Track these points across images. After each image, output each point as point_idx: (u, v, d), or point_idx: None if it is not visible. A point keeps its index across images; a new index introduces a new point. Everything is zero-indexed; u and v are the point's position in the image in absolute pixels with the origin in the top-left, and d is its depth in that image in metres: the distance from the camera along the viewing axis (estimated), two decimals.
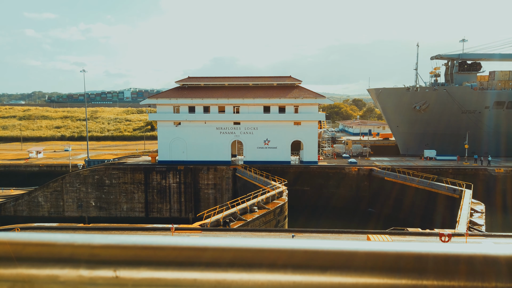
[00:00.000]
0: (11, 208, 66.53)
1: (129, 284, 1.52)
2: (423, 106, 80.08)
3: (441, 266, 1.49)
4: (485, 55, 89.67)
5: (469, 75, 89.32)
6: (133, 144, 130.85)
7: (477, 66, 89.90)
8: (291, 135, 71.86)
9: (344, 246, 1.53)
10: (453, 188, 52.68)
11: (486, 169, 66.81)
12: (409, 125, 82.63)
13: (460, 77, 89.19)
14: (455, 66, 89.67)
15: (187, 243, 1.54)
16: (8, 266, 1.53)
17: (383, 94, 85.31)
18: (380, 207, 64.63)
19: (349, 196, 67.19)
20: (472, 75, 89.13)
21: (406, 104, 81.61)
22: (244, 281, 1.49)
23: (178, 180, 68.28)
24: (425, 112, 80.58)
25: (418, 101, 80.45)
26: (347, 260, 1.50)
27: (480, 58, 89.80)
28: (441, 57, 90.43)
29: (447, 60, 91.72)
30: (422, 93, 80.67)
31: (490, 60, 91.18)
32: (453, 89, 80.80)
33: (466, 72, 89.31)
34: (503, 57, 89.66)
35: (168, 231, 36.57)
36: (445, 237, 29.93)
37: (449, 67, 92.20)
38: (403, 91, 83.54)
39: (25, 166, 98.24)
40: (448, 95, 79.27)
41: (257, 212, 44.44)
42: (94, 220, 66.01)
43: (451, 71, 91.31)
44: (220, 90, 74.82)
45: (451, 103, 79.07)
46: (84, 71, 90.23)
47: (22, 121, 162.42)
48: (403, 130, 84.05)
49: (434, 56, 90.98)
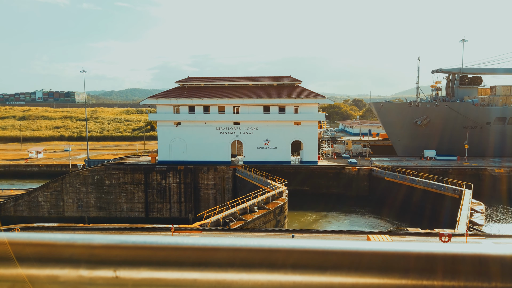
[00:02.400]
0: (11, 208, 66.48)
1: (129, 284, 1.52)
2: (424, 121, 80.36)
3: (441, 266, 1.49)
4: (487, 69, 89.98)
5: (470, 89, 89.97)
6: (133, 144, 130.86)
7: (478, 80, 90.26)
8: (291, 135, 71.85)
9: (344, 246, 1.53)
10: (453, 188, 52.67)
11: (486, 169, 66.83)
12: (410, 139, 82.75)
13: (461, 91, 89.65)
14: (456, 80, 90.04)
15: (187, 243, 1.54)
16: (8, 266, 1.53)
17: (384, 109, 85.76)
18: (380, 207, 64.55)
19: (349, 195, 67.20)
20: (473, 89, 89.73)
21: (407, 118, 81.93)
22: (244, 281, 1.49)
23: (178, 180, 68.25)
24: (426, 127, 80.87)
25: (419, 116, 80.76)
26: (347, 260, 1.50)
27: (482, 72, 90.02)
28: (442, 71, 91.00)
29: (448, 73, 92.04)
30: (423, 108, 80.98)
31: (493, 74, 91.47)
32: (455, 105, 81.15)
33: (467, 86, 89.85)
34: (507, 72, 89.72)
35: (168, 231, 36.56)
36: (445, 237, 29.93)
37: (450, 81, 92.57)
38: (405, 106, 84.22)
39: (25, 166, 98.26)
40: (450, 111, 79.67)
41: (257, 212, 44.43)
42: (94, 220, 65.98)
43: (452, 85, 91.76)
44: (220, 90, 74.80)
45: (452, 118, 79.38)
46: (84, 71, 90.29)
47: (22, 122, 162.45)
48: (404, 144, 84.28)
49: (435, 69, 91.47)
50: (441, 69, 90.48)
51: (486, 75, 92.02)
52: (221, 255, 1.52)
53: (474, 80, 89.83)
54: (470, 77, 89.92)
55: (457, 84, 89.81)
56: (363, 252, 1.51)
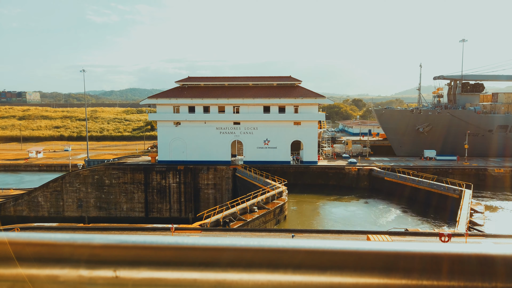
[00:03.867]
0: (11, 208, 66.47)
1: (129, 284, 1.51)
2: (426, 128, 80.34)
3: (441, 266, 1.49)
4: (489, 76, 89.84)
5: (472, 96, 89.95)
6: (132, 144, 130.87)
7: (480, 87, 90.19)
8: (291, 135, 71.85)
9: (344, 246, 1.53)
10: (453, 188, 52.70)
11: (486, 169, 66.82)
12: (412, 145, 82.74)
13: (463, 98, 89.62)
14: (458, 87, 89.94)
15: (187, 243, 1.54)
16: (8, 266, 1.53)
17: (385, 115, 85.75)
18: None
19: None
20: (475, 96, 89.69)
21: (409, 125, 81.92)
22: (244, 281, 1.49)
23: (178, 180, 68.25)
24: (428, 134, 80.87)
25: (421, 123, 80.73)
26: (347, 260, 1.50)
27: (484, 79, 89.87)
28: (443, 77, 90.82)
29: (450, 80, 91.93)
30: (425, 116, 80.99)
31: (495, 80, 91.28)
32: (457, 112, 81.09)
33: (469, 93, 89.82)
34: (509, 79, 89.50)
35: (168, 231, 36.57)
36: (445, 237, 29.93)
37: (451, 88, 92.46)
38: (407, 113, 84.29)
39: (25, 166, 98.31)
40: (452, 118, 79.61)
41: (257, 212, 44.46)
42: (94, 220, 65.98)
43: (453, 91, 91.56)
44: (220, 90, 74.81)
45: (455, 125, 79.26)
46: (84, 71, 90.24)
47: (22, 121, 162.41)
48: (406, 150, 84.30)
49: (437, 76, 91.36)
50: (442, 75, 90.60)
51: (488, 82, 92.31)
52: (221, 255, 1.52)
53: (476, 87, 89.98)
54: (472, 84, 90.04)
55: (459, 91, 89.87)
56: (363, 252, 1.51)
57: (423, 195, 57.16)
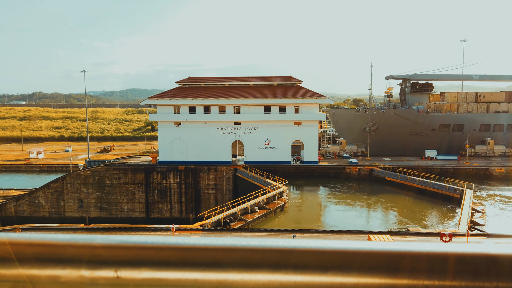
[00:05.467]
0: (11, 209, 66.55)
1: (130, 285, 1.52)
2: (372, 127, 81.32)
3: (442, 266, 1.49)
4: (435, 75, 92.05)
5: (421, 95, 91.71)
6: (133, 144, 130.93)
7: (429, 87, 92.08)
8: (291, 135, 71.88)
9: (345, 246, 1.53)
10: (454, 188, 52.68)
11: (487, 168, 66.77)
12: (363, 144, 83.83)
13: (412, 97, 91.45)
14: (408, 86, 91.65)
15: (188, 243, 1.54)
16: (9, 267, 1.53)
17: (336, 115, 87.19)
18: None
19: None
20: (424, 96, 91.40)
21: (358, 125, 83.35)
22: (245, 281, 1.49)
23: (178, 181, 68.29)
24: (375, 133, 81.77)
25: (367, 122, 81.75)
26: (348, 260, 1.50)
27: (431, 79, 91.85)
28: (393, 77, 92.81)
29: (401, 80, 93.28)
30: (370, 115, 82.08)
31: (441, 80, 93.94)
32: (400, 112, 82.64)
33: (418, 93, 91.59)
34: (452, 78, 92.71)
35: (168, 232, 36.58)
36: (446, 237, 29.91)
37: (402, 87, 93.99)
38: (354, 113, 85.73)
39: (25, 167, 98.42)
40: (396, 117, 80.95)
41: (257, 212, 44.46)
42: (94, 221, 66.05)
43: (404, 91, 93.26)
44: (220, 90, 74.84)
45: (399, 125, 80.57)
46: (84, 71, 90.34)
47: (22, 122, 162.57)
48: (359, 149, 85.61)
49: (388, 76, 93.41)
50: (392, 75, 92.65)
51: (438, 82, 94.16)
52: (222, 255, 1.52)
53: (425, 87, 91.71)
54: (421, 84, 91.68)
55: (409, 90, 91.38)
56: (364, 252, 1.51)
57: (423, 195, 57.12)
